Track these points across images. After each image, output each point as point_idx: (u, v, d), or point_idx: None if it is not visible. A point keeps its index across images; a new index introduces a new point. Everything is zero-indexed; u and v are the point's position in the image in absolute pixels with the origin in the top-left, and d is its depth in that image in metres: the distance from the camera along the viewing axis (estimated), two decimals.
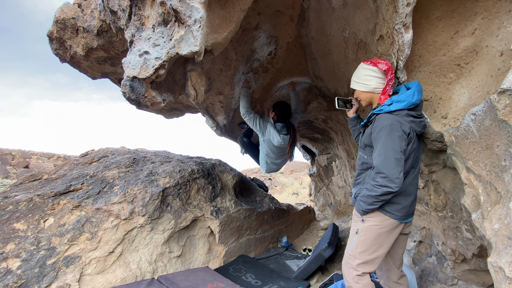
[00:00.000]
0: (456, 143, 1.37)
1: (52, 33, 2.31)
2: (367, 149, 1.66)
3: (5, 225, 2.48)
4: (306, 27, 2.49)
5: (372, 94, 1.66)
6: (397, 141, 1.44)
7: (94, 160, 3.80)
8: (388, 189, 1.42)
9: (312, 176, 5.31)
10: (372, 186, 1.50)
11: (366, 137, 1.65)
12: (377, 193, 1.46)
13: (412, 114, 1.53)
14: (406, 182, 1.56)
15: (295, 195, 12.40)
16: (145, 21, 1.48)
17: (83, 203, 2.74)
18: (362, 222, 1.61)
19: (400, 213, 1.56)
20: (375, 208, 1.54)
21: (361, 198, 1.59)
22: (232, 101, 2.95)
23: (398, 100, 1.51)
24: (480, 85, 1.40)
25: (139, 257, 2.70)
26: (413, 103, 1.50)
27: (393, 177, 1.41)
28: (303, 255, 3.83)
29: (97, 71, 2.80)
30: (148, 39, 1.40)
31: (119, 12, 1.58)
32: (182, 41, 1.31)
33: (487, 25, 1.37)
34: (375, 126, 1.54)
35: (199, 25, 1.27)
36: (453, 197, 1.83)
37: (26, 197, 2.74)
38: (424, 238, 2.65)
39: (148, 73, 1.36)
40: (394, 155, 1.43)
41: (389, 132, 1.45)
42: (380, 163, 1.46)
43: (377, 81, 1.61)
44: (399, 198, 1.56)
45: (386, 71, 1.57)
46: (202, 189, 3.47)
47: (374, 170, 1.50)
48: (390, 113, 1.52)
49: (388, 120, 1.48)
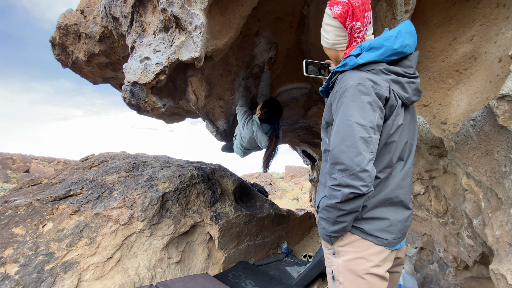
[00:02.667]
0: (456, 148, 1.37)
1: (55, 39, 2.34)
2: (330, 129, 1.10)
3: (4, 230, 2.47)
4: (305, 33, 2.52)
5: (337, 52, 1.14)
6: (365, 111, 0.91)
7: (94, 164, 3.80)
8: (352, 190, 0.89)
9: (313, 181, 5.29)
10: (330, 188, 0.96)
11: (326, 111, 1.11)
12: (337, 200, 0.92)
13: (395, 71, 0.99)
14: (391, 182, 1.02)
15: (295, 201, 12.35)
16: (146, 28, 1.50)
17: (82, 208, 2.73)
18: (334, 257, 1.06)
19: (389, 235, 1.01)
20: (343, 228, 0.98)
21: (320, 215, 1.04)
22: (232, 106, 2.97)
23: (370, 46, 0.98)
24: (479, 90, 1.41)
25: (138, 263, 2.67)
26: (395, 50, 0.96)
27: (356, 169, 0.88)
28: (303, 261, 3.79)
29: (99, 76, 2.82)
30: (149, 45, 1.42)
31: (121, 18, 1.60)
32: (183, 47, 1.33)
33: (485, 32, 1.38)
34: (336, 91, 1.01)
35: (200, 31, 1.29)
36: (454, 203, 1.82)
37: (26, 202, 2.73)
38: (425, 244, 2.62)
39: (149, 78, 1.37)
40: (359, 133, 0.90)
41: (354, 95, 0.93)
42: (337, 148, 0.93)
43: (334, 33, 1.09)
44: (382, 210, 1.02)
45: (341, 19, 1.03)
46: (202, 194, 3.46)
47: (329, 161, 0.98)
48: (358, 68, 0.99)
49: (354, 78, 0.96)
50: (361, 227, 1.01)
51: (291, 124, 3.78)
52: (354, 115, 0.92)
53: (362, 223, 1.01)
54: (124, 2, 1.53)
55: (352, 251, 1.01)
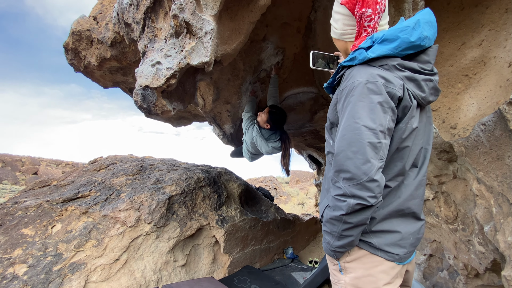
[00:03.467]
0: (466, 153, 1.36)
1: (68, 44, 2.41)
2: (334, 129, 1.01)
3: (14, 231, 2.52)
4: (313, 38, 2.54)
5: (345, 43, 1.03)
6: (375, 112, 0.81)
7: (102, 167, 3.86)
8: (358, 201, 0.81)
9: (319, 186, 5.26)
10: (334, 198, 0.87)
11: (331, 110, 1.00)
12: (342, 211, 0.84)
13: (410, 66, 0.87)
14: (403, 192, 0.92)
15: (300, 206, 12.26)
16: (157, 33, 1.54)
17: (90, 210, 2.77)
18: (341, 274, 0.97)
19: (400, 249, 0.91)
20: (350, 242, 0.89)
21: (324, 228, 0.95)
22: (239, 110, 2.99)
23: (383, 38, 0.87)
24: (489, 95, 1.40)
25: (144, 265, 2.68)
26: (412, 43, 0.84)
27: (364, 179, 0.80)
28: (309, 267, 3.76)
29: (109, 81, 2.89)
30: (161, 50, 1.45)
31: (133, 24, 1.65)
32: (193, 52, 1.36)
33: (494, 37, 1.38)
34: (342, 89, 0.91)
35: (210, 36, 1.32)
36: (464, 209, 1.79)
37: (35, 203, 2.78)
38: (434, 251, 2.58)
39: (160, 82, 1.40)
40: (368, 138, 0.81)
41: (363, 95, 0.83)
42: (342, 154, 0.84)
43: (343, 22, 0.99)
44: (392, 222, 0.92)
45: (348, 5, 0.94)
46: (208, 197, 3.47)
47: (333, 167, 0.89)
48: (368, 63, 0.88)
49: (363, 75, 0.85)
50: (369, 241, 0.91)
51: (297, 128, 3.78)
52: (363, 117, 0.82)
53: (370, 237, 0.91)
54: (136, 8, 1.58)
55: (361, 267, 0.91)
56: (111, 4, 2.33)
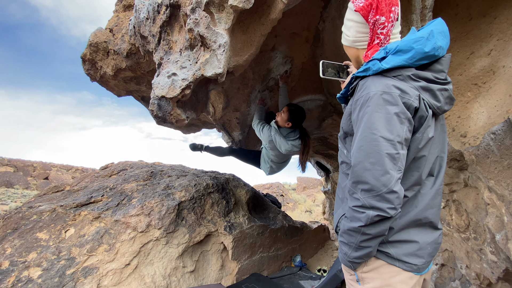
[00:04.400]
0: (477, 162, 1.36)
1: (86, 55, 2.53)
2: (348, 139, 1.02)
3: (29, 234, 2.59)
4: (321, 48, 2.59)
5: (357, 51, 1.04)
6: (392, 124, 0.82)
7: (114, 173, 3.94)
8: (378, 213, 0.81)
9: (327, 193, 5.24)
10: (351, 209, 0.88)
11: (345, 120, 1.01)
12: (361, 223, 0.84)
13: (424, 76, 0.88)
14: (420, 201, 0.92)
15: (308, 213, 12.14)
16: (173, 45, 1.61)
17: (102, 215, 2.83)
18: (358, 284, 0.96)
19: (418, 259, 0.91)
20: (368, 253, 0.88)
21: (341, 239, 0.94)
22: (248, 117, 3.05)
23: (397, 49, 0.87)
24: (498, 104, 1.41)
25: (154, 270, 2.71)
26: (426, 53, 0.85)
27: (383, 190, 0.80)
28: (317, 275, 3.72)
29: (123, 89, 2.99)
30: (176, 61, 1.52)
31: (149, 37, 1.73)
32: (207, 64, 1.42)
33: (503, 46, 1.40)
34: (357, 99, 0.91)
35: (223, 49, 1.38)
36: (476, 218, 1.77)
37: (50, 208, 2.86)
38: (446, 261, 2.53)
39: (176, 93, 1.46)
40: (386, 149, 0.81)
41: (378, 106, 0.83)
42: (360, 165, 0.85)
43: (355, 29, 1.00)
44: (410, 232, 0.91)
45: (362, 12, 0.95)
46: (216, 203, 3.50)
47: (350, 179, 0.89)
48: (382, 74, 0.88)
49: (378, 86, 0.86)
50: (387, 252, 0.90)
51: None
52: (380, 128, 0.82)
53: (388, 247, 0.90)
54: (153, 22, 1.66)
55: (378, 278, 0.90)
56: (126, 17, 2.44)
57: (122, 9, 2.50)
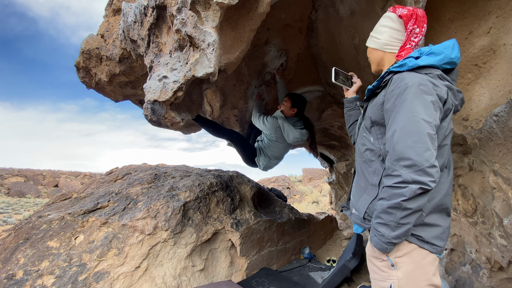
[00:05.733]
0: (480, 145, 1.32)
1: (79, 63, 2.52)
2: (374, 128, 1.10)
3: (40, 243, 2.64)
4: (315, 37, 2.53)
5: (383, 54, 1.18)
6: (429, 109, 0.92)
7: (119, 177, 3.97)
8: (420, 186, 0.87)
9: (332, 184, 5.21)
10: (390, 187, 0.93)
11: (374, 110, 1.09)
12: (404, 197, 0.88)
13: (447, 78, 1.03)
14: (442, 188, 1.00)
15: (315, 204, 12.15)
16: (162, 48, 1.59)
17: (110, 220, 2.86)
18: (393, 269, 0.99)
19: (442, 242, 1.00)
20: (406, 232, 0.93)
21: (378, 220, 0.97)
22: (246, 114, 3.02)
23: (430, 51, 1.02)
24: (501, 84, 1.36)
25: (164, 271, 2.75)
26: (452, 59, 1.02)
27: (426, 164, 0.87)
28: (327, 266, 3.73)
29: (120, 94, 2.99)
30: (166, 64, 1.50)
31: (139, 40, 1.71)
32: (198, 64, 1.39)
33: (503, 23, 1.34)
34: (392, 89, 1.00)
35: (213, 48, 1.35)
36: (483, 202, 1.74)
37: (58, 216, 2.91)
38: (455, 245, 2.51)
39: (168, 96, 1.45)
40: (426, 129, 0.90)
41: (417, 94, 0.93)
42: (403, 143, 0.91)
43: (390, 34, 1.15)
44: (434, 216, 0.99)
45: (405, 18, 1.10)
46: (221, 201, 3.51)
47: (389, 158, 0.95)
48: (417, 70, 1.00)
49: (414, 79, 0.96)
50: (419, 235, 0.97)
51: None
52: (420, 111, 0.91)
53: (419, 230, 0.98)
54: (141, 25, 1.63)
55: (411, 261, 0.96)
56: (117, 22, 2.41)
57: (111, 14, 2.47)
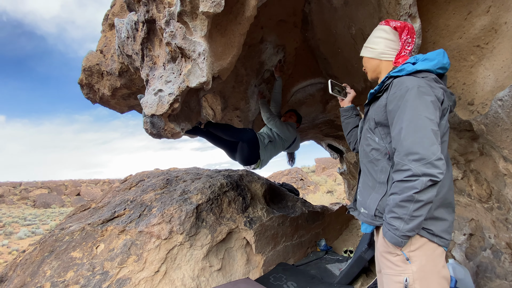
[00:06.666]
0: (487, 131, 1.27)
1: (82, 80, 2.60)
2: (378, 129, 1.18)
3: (64, 255, 2.78)
4: (311, 30, 2.48)
5: (379, 62, 1.28)
6: (430, 108, 1.00)
7: (133, 185, 4.10)
8: (430, 178, 0.92)
9: (343, 174, 5.15)
10: (401, 182, 0.97)
11: (378, 111, 1.17)
12: (416, 189, 0.93)
13: (442, 82, 1.12)
14: (445, 183, 1.06)
15: (330, 194, 12.06)
16: (156, 60, 1.60)
17: (127, 227, 2.96)
18: (408, 263, 1.03)
19: (449, 235, 1.06)
20: (418, 224, 0.97)
21: (392, 215, 1.01)
22: (249, 113, 3.02)
23: (425, 58, 1.12)
24: (505, 64, 1.29)
25: (182, 274, 2.84)
26: (444, 65, 1.12)
27: (433, 158, 0.93)
28: (344, 257, 3.72)
29: (124, 106, 3.06)
30: (160, 77, 1.52)
31: (134, 55, 1.73)
32: (190, 74, 1.40)
33: (502, 1, 1.26)
34: (394, 92, 1.08)
35: (203, 57, 1.35)
36: (497, 186, 1.67)
37: (79, 227, 3.04)
38: (474, 230, 2.43)
39: (164, 109, 1.47)
40: (431, 126, 0.97)
41: (418, 95, 1.01)
42: (410, 139, 0.97)
43: (385, 44, 1.26)
44: (441, 210, 1.05)
45: (399, 30, 1.23)
46: (233, 201, 3.55)
47: (398, 154, 1.01)
48: (415, 74, 1.09)
49: (414, 82, 1.04)
50: (429, 228, 1.03)
51: (311, 121, 3.73)
52: (422, 110, 0.99)
53: (429, 224, 1.03)
54: (133, 40, 1.66)
55: (423, 255, 1.02)
56: (113, 36, 2.45)
57: (108, 29, 2.51)
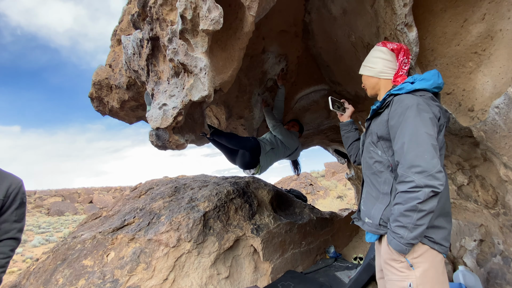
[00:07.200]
0: (487, 138, 1.27)
1: (92, 94, 2.72)
2: (380, 143, 1.26)
3: (76, 263, 2.86)
4: (312, 39, 2.52)
5: (378, 80, 1.39)
6: (429, 124, 1.08)
7: (142, 193, 4.19)
8: (432, 189, 0.99)
9: (351, 179, 5.11)
10: (405, 192, 1.04)
11: (380, 126, 1.25)
12: (419, 200, 1.00)
13: (437, 101, 1.21)
14: (443, 194, 1.13)
15: (340, 199, 11.89)
16: (161, 75, 1.68)
17: (136, 236, 3.03)
18: (412, 269, 1.09)
19: (447, 243, 1.13)
20: (421, 232, 1.04)
21: (397, 224, 1.07)
22: (253, 122, 3.07)
23: (422, 78, 1.22)
24: (503, 71, 1.29)
25: (191, 281, 2.87)
26: (438, 84, 1.22)
27: (434, 170, 1.00)
28: (354, 264, 3.66)
29: (133, 117, 3.17)
30: (165, 91, 1.59)
31: (139, 70, 1.82)
32: (193, 89, 1.47)
33: (496, 9, 1.27)
34: (395, 109, 1.17)
35: (205, 72, 1.42)
36: (502, 192, 1.65)
37: (90, 235, 3.13)
38: (484, 236, 2.38)
39: (168, 122, 1.54)
40: (430, 140, 1.05)
41: (417, 112, 1.09)
42: (412, 153, 1.05)
43: (383, 64, 1.36)
44: (441, 219, 1.13)
45: (396, 51, 1.33)
46: (240, 208, 3.58)
47: (401, 166, 1.08)
48: (413, 93, 1.18)
49: (413, 100, 1.13)
50: (430, 236, 1.10)
51: (316, 127, 3.74)
52: (422, 126, 1.07)
53: (430, 232, 1.10)
54: (139, 56, 1.75)
55: (425, 261, 1.09)
56: (121, 51, 2.57)
57: (116, 44, 2.64)
